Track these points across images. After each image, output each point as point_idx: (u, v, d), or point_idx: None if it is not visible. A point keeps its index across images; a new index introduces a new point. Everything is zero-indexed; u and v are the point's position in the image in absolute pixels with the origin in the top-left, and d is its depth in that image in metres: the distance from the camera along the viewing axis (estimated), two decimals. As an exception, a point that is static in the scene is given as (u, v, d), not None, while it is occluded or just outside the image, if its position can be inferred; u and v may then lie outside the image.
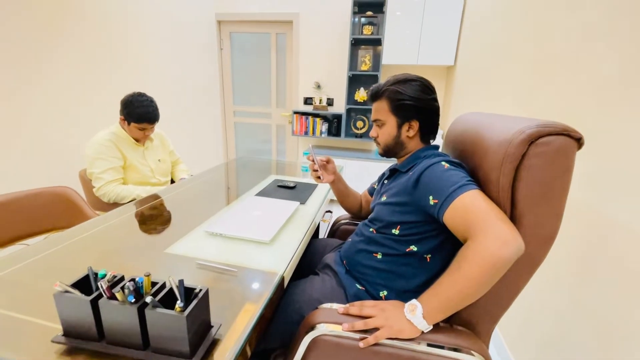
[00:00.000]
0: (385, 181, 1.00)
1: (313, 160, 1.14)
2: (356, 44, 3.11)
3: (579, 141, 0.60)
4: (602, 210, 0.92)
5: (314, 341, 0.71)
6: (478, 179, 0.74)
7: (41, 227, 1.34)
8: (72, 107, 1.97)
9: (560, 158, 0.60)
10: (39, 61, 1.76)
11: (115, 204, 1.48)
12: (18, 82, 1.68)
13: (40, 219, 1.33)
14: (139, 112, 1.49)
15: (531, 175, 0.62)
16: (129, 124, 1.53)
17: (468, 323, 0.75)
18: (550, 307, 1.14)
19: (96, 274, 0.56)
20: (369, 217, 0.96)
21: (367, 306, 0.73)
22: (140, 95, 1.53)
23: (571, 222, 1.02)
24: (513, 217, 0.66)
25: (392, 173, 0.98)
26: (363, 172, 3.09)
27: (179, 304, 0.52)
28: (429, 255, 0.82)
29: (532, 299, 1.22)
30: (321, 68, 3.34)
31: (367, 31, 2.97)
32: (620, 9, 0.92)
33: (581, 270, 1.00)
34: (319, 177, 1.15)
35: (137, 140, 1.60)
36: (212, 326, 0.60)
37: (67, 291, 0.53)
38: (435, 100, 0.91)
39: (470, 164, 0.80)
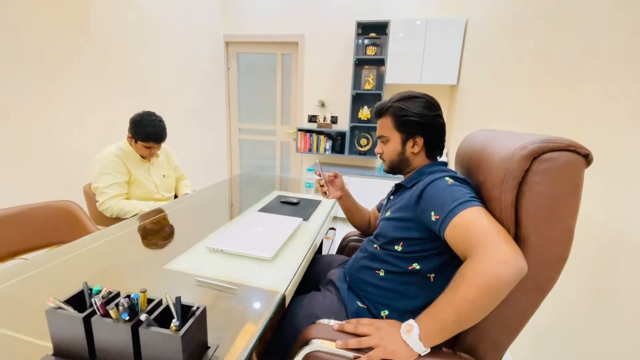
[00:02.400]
0: (392, 197, 0.99)
1: (320, 176, 1.13)
2: (360, 64, 3.18)
3: (586, 157, 0.58)
4: (618, 230, 0.89)
5: (307, 357, 0.69)
6: (482, 196, 0.73)
7: (44, 241, 1.33)
8: (81, 123, 2.01)
9: (566, 175, 0.58)
10: (51, 78, 1.82)
11: (117, 219, 1.48)
12: (27, 97, 1.72)
13: (43, 233, 1.32)
14: (146, 131, 1.51)
15: (535, 192, 0.59)
16: (135, 142, 1.55)
17: (473, 350, 0.71)
18: (564, 332, 1.08)
19: (91, 290, 0.54)
20: (374, 232, 0.94)
21: (363, 324, 0.70)
22: (149, 114, 1.55)
23: (585, 242, 0.98)
24: (518, 237, 0.63)
25: (398, 188, 0.97)
26: (366, 189, 3.07)
27: (174, 322, 0.50)
28: (433, 275, 0.79)
29: (544, 323, 1.17)
30: (325, 87, 3.41)
31: (371, 52, 3.04)
32: (622, 22, 0.93)
33: (596, 293, 0.96)
34: (325, 193, 1.14)
35: (143, 157, 1.62)
36: (209, 347, 0.57)
37: (59, 307, 0.51)
38: (440, 116, 0.90)
39: (475, 181, 0.78)
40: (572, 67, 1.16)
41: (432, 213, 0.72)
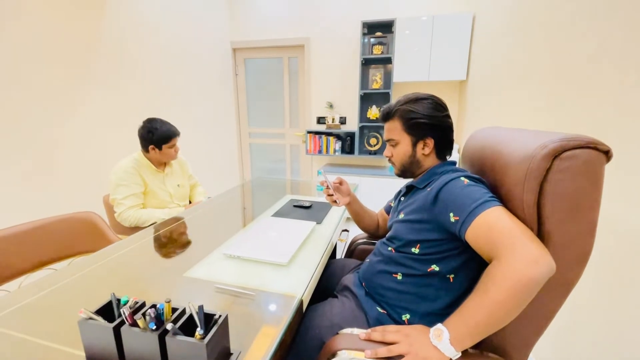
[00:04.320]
0: (402, 198, 0.98)
1: (327, 186, 1.13)
2: (367, 63, 3.18)
3: (606, 154, 0.58)
4: (637, 224, 0.87)
5: (335, 369, 0.68)
6: (500, 195, 0.72)
7: (68, 252, 1.38)
8: (98, 135, 2.08)
9: (588, 172, 0.57)
10: (70, 94, 1.89)
11: (137, 228, 1.52)
12: (49, 115, 1.79)
13: (67, 243, 1.37)
14: (164, 130, 1.57)
15: (557, 190, 0.59)
16: (160, 149, 1.59)
17: (500, 349, 0.71)
18: (589, 331, 1.05)
19: (119, 300, 0.56)
20: (387, 235, 0.94)
21: (390, 331, 0.69)
22: (150, 121, 1.60)
23: (608, 239, 0.96)
24: (541, 235, 0.62)
25: (409, 190, 0.96)
26: (378, 188, 3.06)
27: (198, 331, 0.51)
28: (452, 275, 0.78)
29: (569, 323, 1.14)
30: (333, 88, 3.42)
31: (377, 51, 3.03)
32: (637, 13, 0.91)
33: (619, 289, 0.93)
34: (335, 202, 1.14)
35: (166, 162, 1.68)
36: (232, 353, 0.59)
37: (91, 318, 0.53)
38: (448, 116, 0.90)
39: (490, 180, 0.78)
40: (586, 59, 1.13)
41: (451, 214, 0.71)
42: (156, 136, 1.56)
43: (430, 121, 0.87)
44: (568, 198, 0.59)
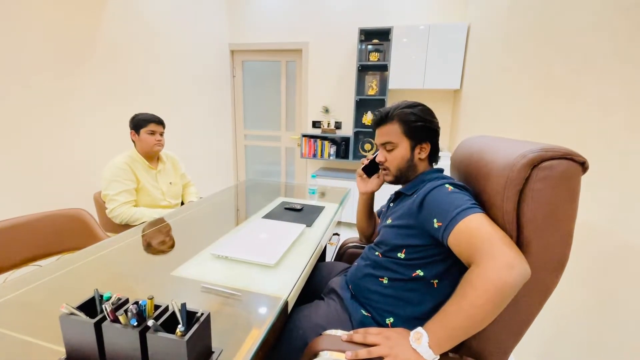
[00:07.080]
0: (391, 204, 1.00)
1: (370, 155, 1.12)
2: (363, 69, 3.21)
3: (583, 165, 0.60)
4: (618, 234, 0.89)
5: (317, 369, 0.69)
6: (482, 203, 0.74)
7: (56, 248, 1.37)
8: (91, 133, 2.07)
9: (564, 182, 0.60)
10: (63, 89, 1.88)
11: (126, 226, 1.51)
12: (40, 112, 1.79)
13: (55, 240, 1.36)
14: (144, 116, 1.63)
15: (536, 199, 0.61)
16: (138, 133, 1.62)
17: (479, 354, 0.72)
18: (571, 338, 1.07)
19: (102, 297, 0.57)
20: (375, 240, 0.95)
21: (372, 334, 0.71)
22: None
23: (586, 247, 0.98)
24: (520, 242, 0.64)
25: (398, 196, 0.98)
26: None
27: (180, 328, 0.52)
28: (436, 281, 0.80)
29: (552, 330, 1.16)
30: (329, 93, 3.45)
31: (374, 57, 3.07)
32: (619, 27, 0.94)
33: (601, 298, 0.95)
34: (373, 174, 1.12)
35: (151, 153, 1.67)
36: (213, 352, 0.59)
37: (72, 313, 0.54)
38: (438, 123, 0.94)
39: (474, 187, 0.80)
40: (572, 72, 1.17)
41: (435, 220, 0.73)
42: (136, 119, 1.62)
43: (429, 125, 0.90)
44: (546, 207, 0.61)
